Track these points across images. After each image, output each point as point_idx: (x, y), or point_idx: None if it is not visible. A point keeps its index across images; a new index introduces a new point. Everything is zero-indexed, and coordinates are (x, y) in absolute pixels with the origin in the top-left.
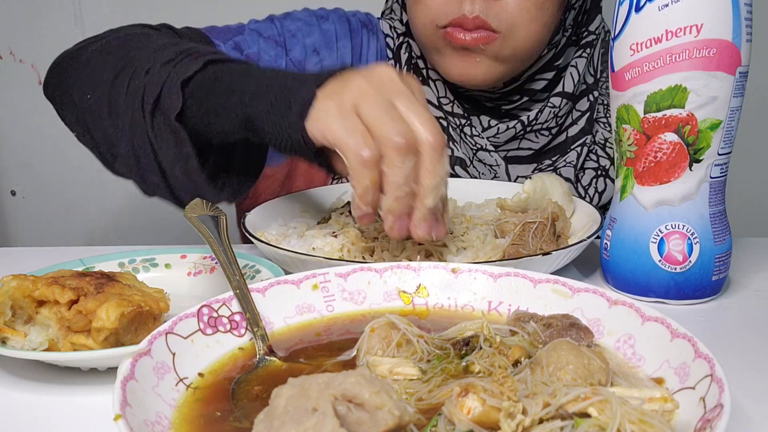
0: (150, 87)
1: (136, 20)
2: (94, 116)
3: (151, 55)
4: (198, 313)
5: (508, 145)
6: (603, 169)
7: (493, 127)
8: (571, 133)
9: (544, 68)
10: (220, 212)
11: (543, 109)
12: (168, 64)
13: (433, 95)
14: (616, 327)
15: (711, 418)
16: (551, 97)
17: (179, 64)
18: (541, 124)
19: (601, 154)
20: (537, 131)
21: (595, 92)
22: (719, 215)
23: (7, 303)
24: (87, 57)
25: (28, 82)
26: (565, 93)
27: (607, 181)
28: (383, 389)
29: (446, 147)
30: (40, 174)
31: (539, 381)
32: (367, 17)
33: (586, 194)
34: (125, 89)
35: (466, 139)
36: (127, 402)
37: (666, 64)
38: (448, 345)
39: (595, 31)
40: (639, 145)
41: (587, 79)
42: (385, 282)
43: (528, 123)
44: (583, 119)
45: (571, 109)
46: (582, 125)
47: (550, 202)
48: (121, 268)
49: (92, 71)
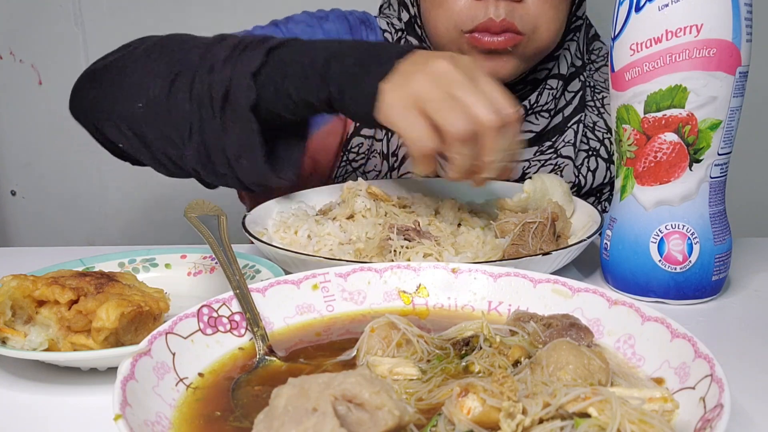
0: (217, 85)
1: (136, 20)
2: (148, 122)
3: (205, 55)
4: (198, 313)
5: None
6: (594, 149)
7: None
8: (566, 113)
9: (546, 59)
10: (220, 212)
11: (542, 91)
12: (228, 60)
13: None
14: (616, 327)
15: (711, 418)
16: (548, 79)
17: (240, 58)
18: (541, 106)
19: (591, 137)
20: (537, 113)
21: (583, 74)
22: (719, 215)
23: (7, 303)
24: (122, 68)
25: (28, 82)
26: (560, 75)
27: (599, 161)
28: (383, 389)
29: (513, 118)
30: (40, 174)
31: (539, 381)
32: (364, 14)
33: (579, 173)
34: (188, 91)
35: None
36: (127, 402)
37: (666, 64)
38: (448, 345)
39: (582, 16)
40: (639, 145)
41: (575, 61)
42: (385, 282)
43: (530, 106)
44: (576, 99)
45: (564, 90)
46: (575, 104)
47: (550, 202)
48: (121, 268)
49: (137, 79)
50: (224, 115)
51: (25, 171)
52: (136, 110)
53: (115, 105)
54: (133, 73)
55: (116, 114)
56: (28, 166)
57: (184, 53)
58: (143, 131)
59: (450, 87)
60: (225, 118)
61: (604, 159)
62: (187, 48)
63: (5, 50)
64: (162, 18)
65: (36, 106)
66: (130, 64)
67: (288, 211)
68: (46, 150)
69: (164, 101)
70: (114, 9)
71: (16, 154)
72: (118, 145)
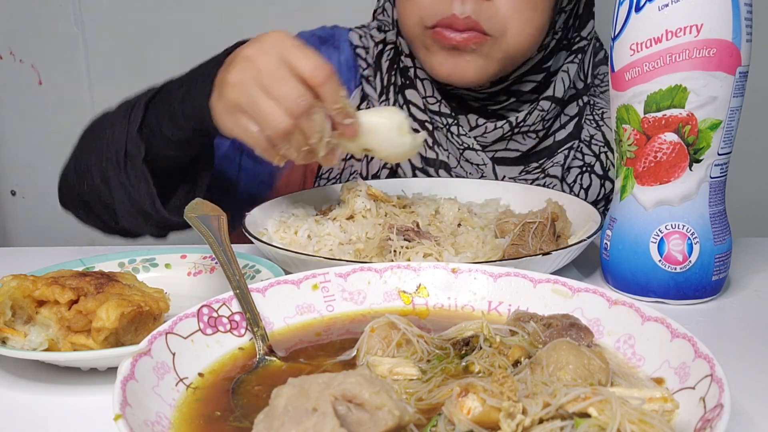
0: (119, 148)
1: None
2: (105, 197)
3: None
4: (198, 313)
5: (496, 145)
6: (588, 165)
7: (481, 126)
8: (558, 138)
9: (532, 70)
10: (220, 212)
11: (532, 111)
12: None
13: (419, 95)
14: (616, 327)
15: (711, 418)
16: (541, 101)
17: (131, 118)
18: (528, 126)
19: (587, 152)
20: (524, 133)
21: (584, 97)
22: (719, 215)
23: (7, 303)
24: (76, 159)
25: (28, 82)
26: (555, 98)
27: (593, 177)
28: (383, 389)
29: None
30: (41, 174)
31: (539, 381)
32: (330, 31)
33: (572, 191)
34: (107, 162)
35: (452, 139)
36: (127, 402)
37: (666, 64)
38: (448, 345)
39: (587, 37)
40: (639, 145)
41: (577, 84)
42: (385, 282)
43: (516, 124)
44: (571, 124)
45: (559, 114)
46: (570, 130)
47: (549, 203)
48: (121, 268)
49: (83, 165)
50: (128, 171)
51: (25, 171)
52: (93, 191)
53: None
54: (80, 163)
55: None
56: (28, 166)
57: (103, 130)
58: (96, 210)
59: (258, 79)
60: (129, 175)
61: (599, 175)
62: (106, 123)
63: (5, 50)
64: (162, 18)
65: (36, 106)
66: (78, 156)
67: (288, 211)
68: (46, 150)
69: (99, 176)
70: (114, 9)
71: (16, 154)
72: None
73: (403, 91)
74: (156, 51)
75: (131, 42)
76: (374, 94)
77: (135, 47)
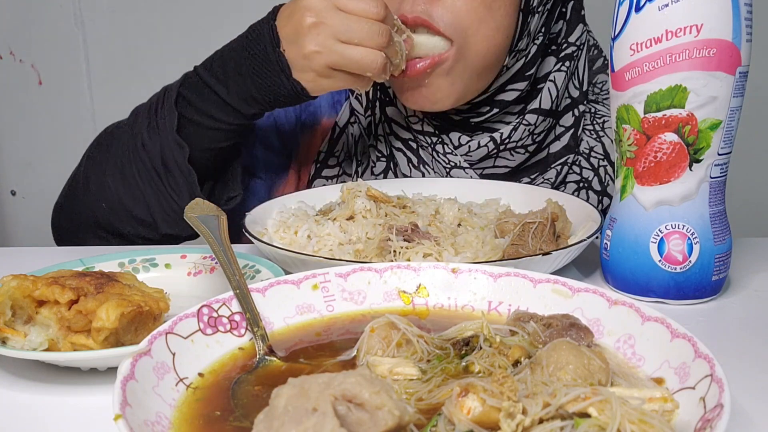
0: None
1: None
2: (119, 218)
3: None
4: (198, 313)
5: (483, 162)
6: (586, 180)
7: (465, 145)
8: (553, 150)
9: (514, 78)
10: (220, 212)
11: (517, 126)
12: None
13: (401, 115)
14: (616, 327)
15: (711, 418)
16: (526, 114)
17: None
18: (515, 142)
19: (585, 166)
20: (512, 149)
21: (581, 106)
22: (719, 215)
23: (7, 303)
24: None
25: (28, 82)
26: (541, 110)
27: (590, 193)
28: (383, 389)
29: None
30: (40, 174)
31: (539, 381)
32: None
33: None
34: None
35: (438, 158)
36: (127, 402)
37: (666, 64)
38: (448, 345)
39: (575, 43)
40: (639, 145)
41: (572, 92)
42: (385, 282)
43: (501, 141)
44: (566, 135)
45: (553, 125)
46: (566, 142)
47: (549, 203)
48: (121, 268)
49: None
50: (169, 178)
51: (25, 171)
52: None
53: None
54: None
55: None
56: (28, 166)
57: (117, 143)
58: (116, 226)
59: (335, 35)
60: (170, 182)
61: (596, 191)
62: (118, 137)
63: (5, 50)
64: (162, 18)
65: (36, 106)
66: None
67: (288, 211)
68: (46, 150)
69: (124, 193)
70: (114, 9)
71: (16, 154)
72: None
73: (384, 109)
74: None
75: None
76: (360, 108)
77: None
